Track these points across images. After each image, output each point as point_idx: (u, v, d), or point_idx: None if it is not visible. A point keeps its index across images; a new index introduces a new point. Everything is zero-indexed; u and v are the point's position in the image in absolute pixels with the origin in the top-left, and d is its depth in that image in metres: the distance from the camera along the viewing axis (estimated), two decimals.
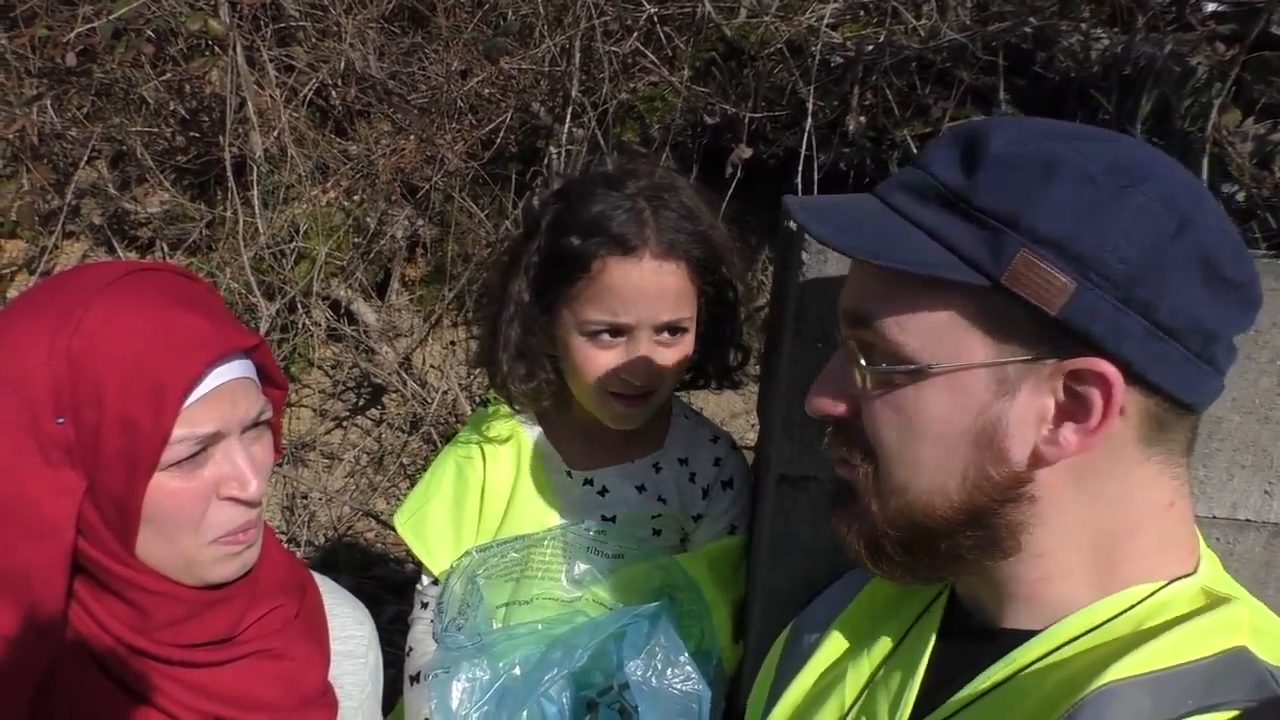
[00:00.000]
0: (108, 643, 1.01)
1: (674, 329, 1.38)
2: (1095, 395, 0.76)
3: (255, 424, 1.06)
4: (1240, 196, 2.34)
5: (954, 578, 0.89)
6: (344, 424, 3.64)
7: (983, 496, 0.81)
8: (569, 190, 1.41)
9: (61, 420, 0.94)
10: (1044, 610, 0.85)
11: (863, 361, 0.84)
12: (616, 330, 1.36)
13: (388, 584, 3.14)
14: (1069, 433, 0.78)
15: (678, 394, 1.57)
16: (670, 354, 1.39)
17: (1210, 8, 2.43)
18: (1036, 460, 0.80)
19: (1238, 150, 2.31)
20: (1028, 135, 0.80)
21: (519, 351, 1.41)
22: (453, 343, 3.59)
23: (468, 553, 1.50)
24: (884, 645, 0.99)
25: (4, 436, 0.94)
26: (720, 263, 1.40)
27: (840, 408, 0.89)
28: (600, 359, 1.37)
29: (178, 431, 0.96)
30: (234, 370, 1.02)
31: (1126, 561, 0.83)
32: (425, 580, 1.54)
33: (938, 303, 0.80)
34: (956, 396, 0.80)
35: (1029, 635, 0.85)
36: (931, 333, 0.80)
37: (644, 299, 1.33)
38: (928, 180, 0.82)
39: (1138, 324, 0.74)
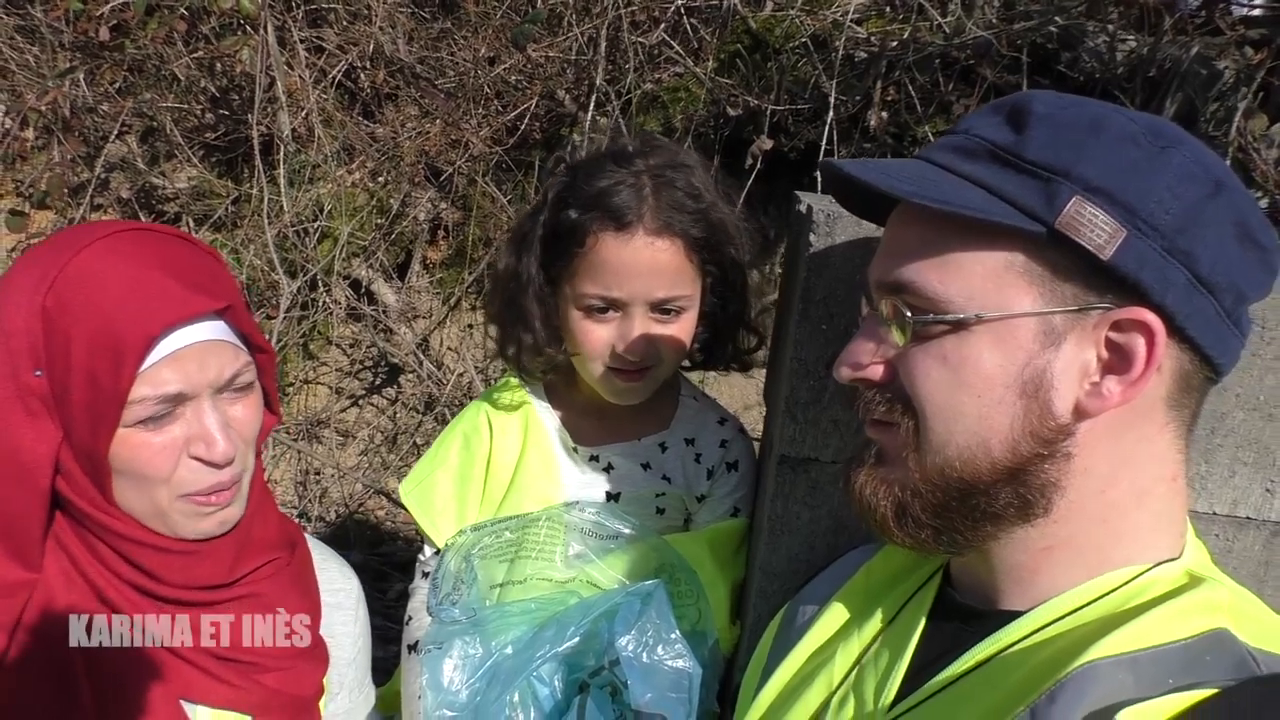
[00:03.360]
0: (118, 588, 1.05)
1: (669, 307, 1.37)
2: (1139, 344, 0.78)
3: (233, 386, 1.07)
4: (1264, 202, 2.32)
5: (977, 545, 0.88)
6: (360, 402, 3.68)
7: (1025, 451, 0.82)
8: (578, 165, 1.42)
9: (39, 373, 0.98)
10: (1036, 589, 0.86)
11: (907, 314, 0.84)
12: (611, 305, 1.36)
13: (396, 561, 3.17)
14: (1112, 384, 0.79)
15: (687, 376, 1.57)
16: (667, 332, 1.38)
17: (1240, 12, 2.41)
18: (1079, 414, 0.81)
19: (1262, 156, 2.29)
20: (1067, 101, 0.83)
21: (530, 324, 1.41)
22: (470, 326, 3.61)
23: (463, 531, 1.50)
24: (874, 626, 0.99)
25: None
26: (725, 243, 1.39)
27: (876, 370, 0.89)
28: (596, 333, 1.37)
29: (141, 390, 0.98)
30: (203, 332, 1.03)
31: (1123, 538, 0.84)
32: (427, 550, 1.55)
33: (986, 251, 0.81)
34: (1003, 347, 0.81)
35: (1015, 616, 0.85)
36: (977, 283, 0.81)
37: (637, 275, 1.33)
38: (974, 140, 0.84)
39: (1181, 274, 0.77)
